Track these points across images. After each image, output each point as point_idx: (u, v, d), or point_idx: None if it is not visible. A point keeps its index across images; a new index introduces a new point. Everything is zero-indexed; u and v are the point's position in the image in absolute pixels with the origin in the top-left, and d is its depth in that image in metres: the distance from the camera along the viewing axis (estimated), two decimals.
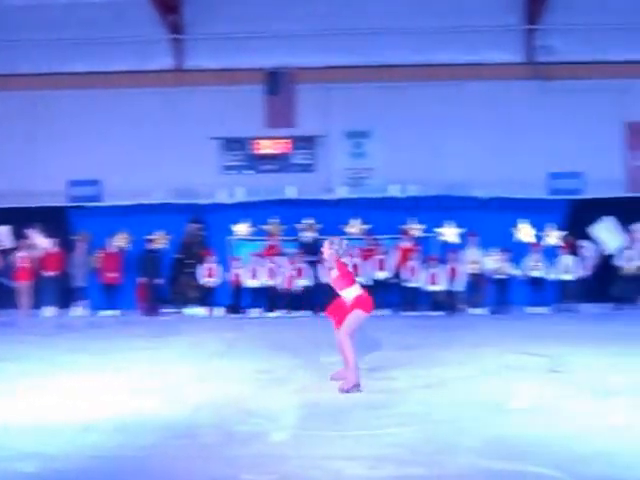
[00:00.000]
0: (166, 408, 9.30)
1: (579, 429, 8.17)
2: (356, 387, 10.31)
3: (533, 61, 23.27)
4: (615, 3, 22.70)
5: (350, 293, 10.81)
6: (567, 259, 20.26)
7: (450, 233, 20.74)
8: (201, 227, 21.77)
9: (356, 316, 10.70)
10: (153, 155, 22.80)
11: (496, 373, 11.34)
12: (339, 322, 10.86)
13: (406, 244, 20.53)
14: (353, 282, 10.90)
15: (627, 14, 22.51)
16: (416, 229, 20.89)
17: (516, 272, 20.21)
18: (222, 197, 22.32)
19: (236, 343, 15.08)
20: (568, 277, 20.11)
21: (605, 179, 22.17)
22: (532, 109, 22.95)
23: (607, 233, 20.55)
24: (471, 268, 20.12)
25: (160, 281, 20.91)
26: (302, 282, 20.42)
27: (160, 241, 21.15)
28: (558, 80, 22.76)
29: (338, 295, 11.01)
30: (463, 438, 7.92)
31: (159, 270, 20.89)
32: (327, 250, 11.03)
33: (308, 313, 20.00)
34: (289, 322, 18.98)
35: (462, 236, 20.72)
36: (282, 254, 20.94)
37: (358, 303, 10.71)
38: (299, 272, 20.47)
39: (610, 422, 8.45)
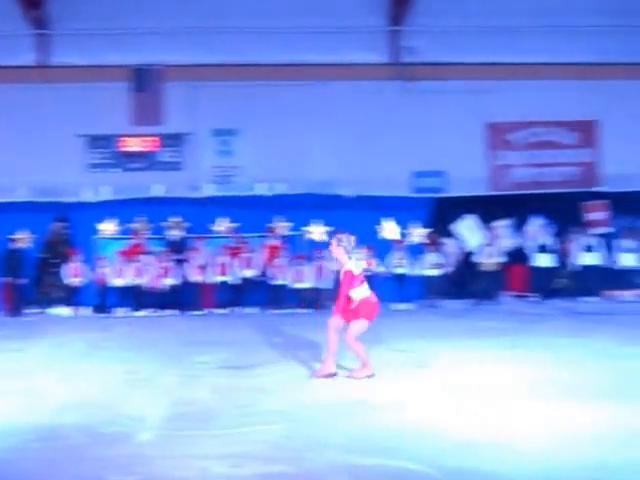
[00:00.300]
0: (30, 410, 9.16)
1: (442, 423, 8.39)
2: (370, 376, 10.70)
3: (397, 62, 23.68)
4: (476, 6, 23.30)
5: (357, 294, 10.77)
6: (431, 256, 20.72)
7: (317, 231, 20.92)
8: (66, 226, 21.47)
9: (361, 324, 10.79)
10: (17, 153, 22.29)
11: None
12: (346, 318, 10.86)
13: (273, 242, 20.67)
14: (361, 282, 10.83)
15: (487, 17, 23.14)
16: (283, 227, 21.03)
17: (381, 269, 20.54)
18: (88, 195, 22.03)
19: (102, 343, 14.91)
20: (431, 274, 20.55)
21: (467, 178, 22.74)
22: (397, 109, 23.32)
23: (469, 230, 21.11)
24: (337, 265, 20.33)
25: (24, 281, 20.51)
26: (169, 281, 20.33)
27: (24, 240, 20.69)
28: (422, 81, 23.19)
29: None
30: (329, 434, 8.05)
31: (23, 270, 20.48)
32: (335, 247, 10.90)
33: (176, 312, 19.94)
34: (156, 321, 18.87)
35: (329, 234, 20.91)
36: (149, 253, 20.78)
37: (364, 311, 10.75)
38: (166, 271, 20.38)
39: (471, 416, 8.72)
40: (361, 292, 10.78)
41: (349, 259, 10.83)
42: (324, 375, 10.74)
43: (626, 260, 21.18)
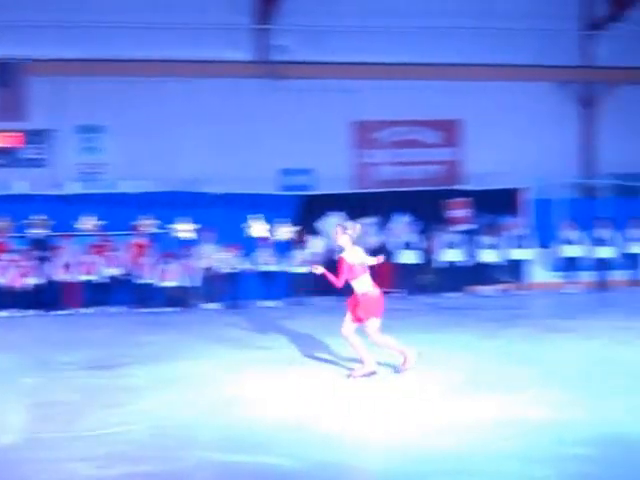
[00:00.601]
0: None
1: (310, 419, 8.51)
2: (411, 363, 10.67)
3: (266, 60, 23.70)
4: (344, 6, 23.51)
5: (359, 285, 10.60)
6: (298, 253, 20.82)
7: (184, 229, 20.79)
8: None
9: (373, 324, 10.64)
10: None
11: (232, 367, 11.57)
12: (357, 319, 10.69)
13: (140, 240, 20.45)
14: (363, 272, 10.68)
15: (354, 17, 23.38)
16: (149, 225, 20.80)
17: (249, 267, 20.55)
18: None
19: None
20: (299, 271, 20.65)
21: (334, 176, 22.95)
22: (265, 107, 23.35)
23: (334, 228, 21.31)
24: (205, 263, 20.29)
25: None
26: (32, 280, 19.87)
27: None
28: (290, 79, 23.28)
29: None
30: (198, 433, 8.08)
31: None
32: (340, 235, 10.69)
33: (40, 312, 19.51)
34: (19, 322, 18.44)
35: (196, 232, 20.81)
36: (11, 251, 20.27)
37: (371, 309, 10.61)
38: (29, 270, 19.92)
39: (339, 411, 8.87)
40: (363, 284, 10.64)
41: (352, 248, 10.71)
42: (365, 374, 10.59)
43: (487, 256, 21.74)
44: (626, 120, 24.77)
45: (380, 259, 11.56)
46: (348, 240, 10.71)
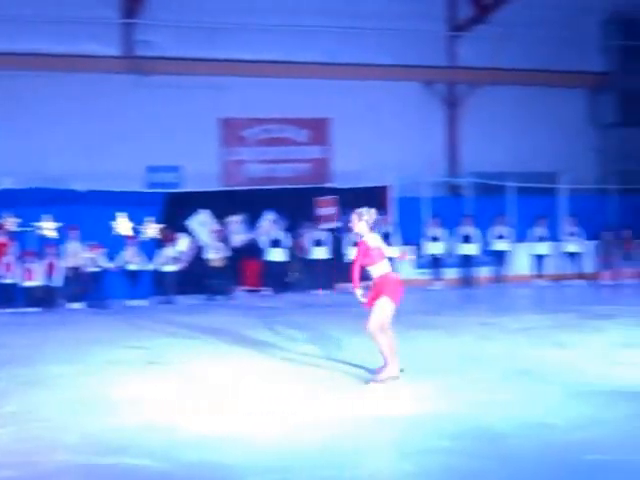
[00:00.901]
0: None
1: (176, 419, 8.45)
2: (392, 378, 9.87)
3: (132, 55, 23.38)
4: (212, 2, 23.41)
5: (376, 269, 10.23)
6: (165, 251, 20.62)
7: (48, 227, 20.32)
8: None
9: (383, 307, 9.96)
10: None
11: (97, 368, 11.37)
12: (369, 303, 10.16)
13: (1, 239, 19.89)
14: (382, 257, 10.30)
15: (224, 14, 23.26)
16: (11, 223, 20.25)
17: (114, 265, 20.23)
18: None
19: None
20: (165, 269, 20.46)
21: (202, 173, 22.86)
22: (131, 103, 23.07)
23: (201, 226, 21.22)
24: (70, 262, 19.89)
25: None
26: None
27: None
28: (157, 75, 23.08)
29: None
30: (61, 436, 7.91)
31: None
32: (357, 222, 10.38)
33: None
34: None
35: (61, 230, 20.37)
36: None
37: (386, 289, 10.04)
38: None
39: (205, 411, 8.81)
40: (382, 269, 10.30)
41: (370, 234, 10.46)
42: (386, 379, 10.07)
43: (354, 254, 21.91)
44: (488, 120, 25.43)
45: (405, 254, 11.44)
46: (365, 226, 10.53)
